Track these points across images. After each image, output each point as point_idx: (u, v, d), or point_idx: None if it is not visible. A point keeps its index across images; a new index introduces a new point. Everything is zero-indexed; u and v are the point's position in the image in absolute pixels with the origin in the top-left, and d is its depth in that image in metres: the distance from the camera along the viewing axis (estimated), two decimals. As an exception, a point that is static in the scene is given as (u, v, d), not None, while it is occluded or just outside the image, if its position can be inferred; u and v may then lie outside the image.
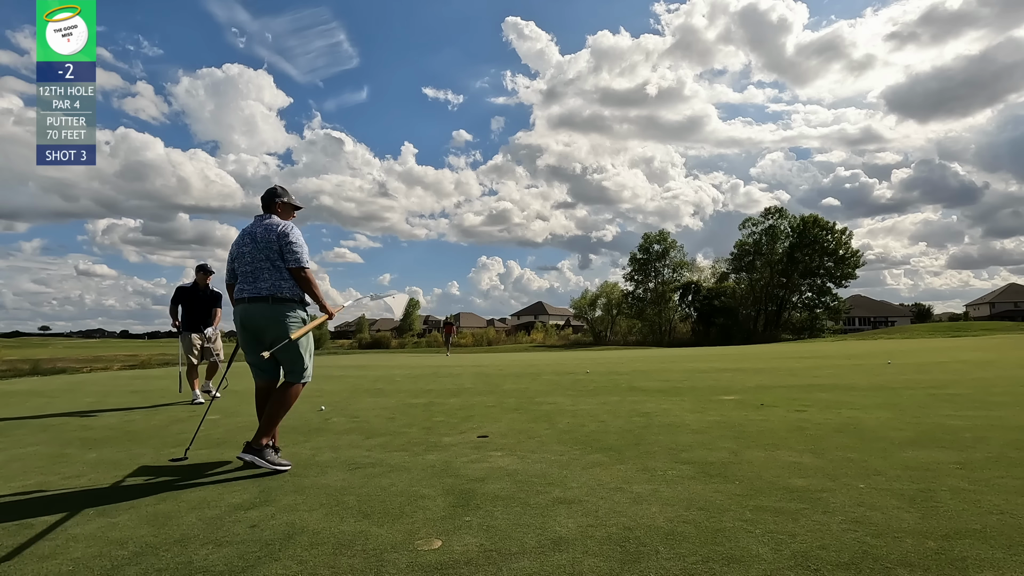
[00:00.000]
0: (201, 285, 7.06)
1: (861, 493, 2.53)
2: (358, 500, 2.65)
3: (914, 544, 1.95)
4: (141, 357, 21.15)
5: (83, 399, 7.72)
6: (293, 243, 3.39)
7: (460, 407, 5.87)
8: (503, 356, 23.55)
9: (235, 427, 4.96)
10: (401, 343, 51.70)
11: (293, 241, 3.39)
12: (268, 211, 3.59)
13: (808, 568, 1.79)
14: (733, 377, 8.73)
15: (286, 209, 3.65)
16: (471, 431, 4.41)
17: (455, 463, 3.34)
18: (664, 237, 51.32)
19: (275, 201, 3.60)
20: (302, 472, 3.24)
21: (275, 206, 3.60)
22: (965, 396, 5.63)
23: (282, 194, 3.64)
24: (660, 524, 2.22)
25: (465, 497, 2.65)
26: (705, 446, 3.62)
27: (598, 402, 6.01)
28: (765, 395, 6.19)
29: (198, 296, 7.01)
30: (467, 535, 2.17)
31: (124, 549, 2.13)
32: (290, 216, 3.66)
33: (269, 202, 3.60)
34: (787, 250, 47.08)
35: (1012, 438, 3.58)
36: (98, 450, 4.09)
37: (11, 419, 5.87)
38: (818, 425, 4.25)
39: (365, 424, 4.92)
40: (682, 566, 1.84)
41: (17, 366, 15.47)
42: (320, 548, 2.09)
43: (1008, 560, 1.80)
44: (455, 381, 9.31)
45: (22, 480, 3.26)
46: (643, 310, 50.02)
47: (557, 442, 3.89)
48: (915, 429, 3.97)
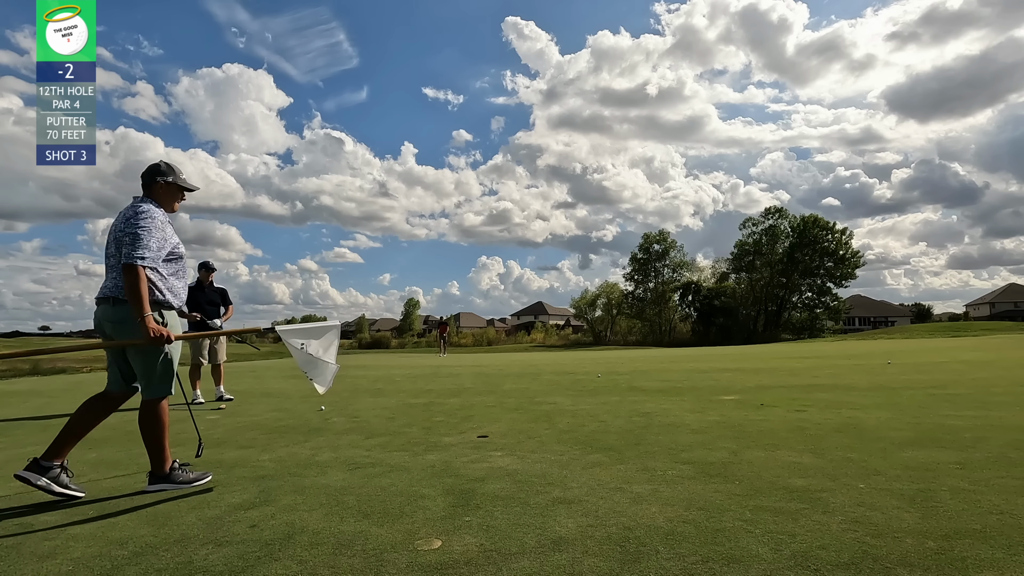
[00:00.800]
0: (205, 283, 7.05)
1: (861, 493, 2.53)
2: (358, 500, 2.65)
3: (914, 544, 1.95)
4: (141, 357, 21.12)
5: (83, 399, 7.72)
6: (136, 229, 2.72)
7: (460, 407, 5.87)
8: (503, 356, 23.55)
9: (235, 427, 4.96)
10: (401, 343, 51.73)
11: (137, 226, 2.73)
12: (145, 194, 2.96)
13: (808, 568, 1.79)
14: (733, 377, 8.74)
15: (169, 192, 2.99)
16: (471, 431, 4.41)
17: (455, 463, 3.34)
18: (664, 237, 51.36)
19: (154, 181, 2.95)
20: (302, 472, 3.24)
21: (153, 187, 2.95)
22: (965, 396, 5.63)
23: (165, 172, 2.96)
24: (660, 524, 2.22)
25: (465, 497, 2.65)
26: (705, 446, 3.62)
27: (598, 402, 6.01)
28: (765, 395, 6.19)
29: (204, 294, 7.00)
30: (467, 535, 2.17)
31: (124, 549, 2.13)
32: (174, 201, 3.03)
33: (146, 182, 2.96)
34: (787, 250, 47.09)
35: (1012, 438, 3.58)
36: (98, 450, 4.09)
37: (11, 419, 5.87)
38: (818, 425, 4.25)
39: (365, 424, 4.92)
40: (682, 566, 1.84)
41: (17, 366, 15.47)
42: (320, 548, 2.09)
43: (1008, 560, 1.80)
44: (455, 381, 9.31)
45: (22, 480, 3.25)
46: (643, 310, 50.05)
47: (557, 442, 3.89)
48: (915, 429, 3.97)
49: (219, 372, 7.17)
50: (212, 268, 7.15)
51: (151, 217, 2.79)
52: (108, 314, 2.82)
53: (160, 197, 2.96)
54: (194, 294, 6.93)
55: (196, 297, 6.94)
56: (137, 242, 2.71)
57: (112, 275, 2.82)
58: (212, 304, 7.03)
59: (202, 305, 6.95)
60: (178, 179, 3.00)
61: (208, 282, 7.09)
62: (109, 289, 2.82)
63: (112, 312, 2.81)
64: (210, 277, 7.11)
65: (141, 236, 2.72)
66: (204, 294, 7.01)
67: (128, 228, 2.74)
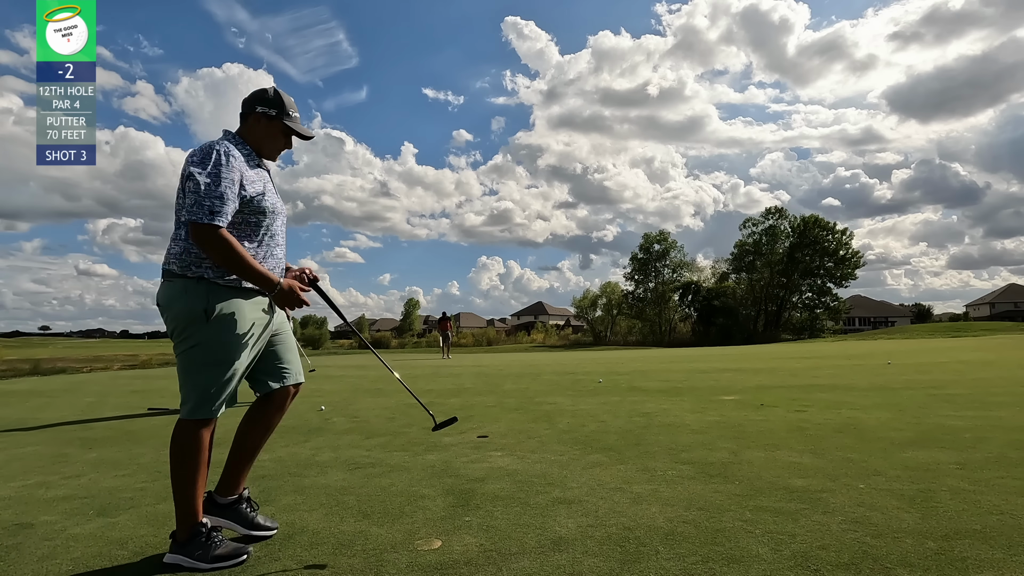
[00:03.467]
0: None
1: (861, 493, 2.53)
2: (358, 500, 2.65)
3: (914, 544, 1.95)
4: (141, 357, 21.15)
5: (83, 399, 7.72)
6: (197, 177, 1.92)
7: (460, 407, 5.87)
8: (503, 356, 23.55)
9: (235, 427, 4.96)
10: (401, 343, 51.71)
11: (201, 172, 1.93)
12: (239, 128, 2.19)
13: (808, 568, 1.79)
14: (733, 377, 8.73)
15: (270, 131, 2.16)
16: (471, 431, 4.41)
17: (455, 463, 3.34)
18: (664, 237, 51.39)
19: (253, 111, 2.15)
20: (302, 472, 3.24)
21: (249, 120, 2.16)
22: (965, 396, 5.63)
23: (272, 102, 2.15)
24: (660, 524, 2.22)
25: (465, 497, 2.65)
26: (705, 446, 3.62)
27: (598, 402, 6.01)
28: (765, 395, 6.19)
29: None
30: (467, 535, 2.17)
31: (124, 549, 2.13)
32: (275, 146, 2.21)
33: (244, 111, 2.19)
34: (787, 250, 47.10)
35: (1012, 438, 3.58)
36: (98, 450, 4.09)
37: (11, 419, 5.87)
38: (818, 425, 4.25)
39: (365, 424, 4.92)
40: (682, 566, 1.84)
41: (17, 366, 15.47)
42: (320, 548, 2.09)
43: (1008, 560, 1.80)
44: (455, 381, 9.31)
45: (22, 480, 3.26)
46: (643, 310, 50.05)
47: (557, 442, 3.89)
48: (915, 429, 3.97)
49: None
50: None
51: (231, 156, 1.99)
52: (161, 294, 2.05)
53: (255, 135, 2.16)
54: None
55: None
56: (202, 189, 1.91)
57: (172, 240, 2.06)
58: None
59: None
60: (287, 116, 2.16)
61: None
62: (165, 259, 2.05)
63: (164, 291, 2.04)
64: None
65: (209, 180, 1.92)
66: None
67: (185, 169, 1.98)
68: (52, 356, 22.71)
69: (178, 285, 1.99)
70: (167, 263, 2.03)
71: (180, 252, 1.99)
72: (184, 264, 1.98)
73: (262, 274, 2.00)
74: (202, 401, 2.03)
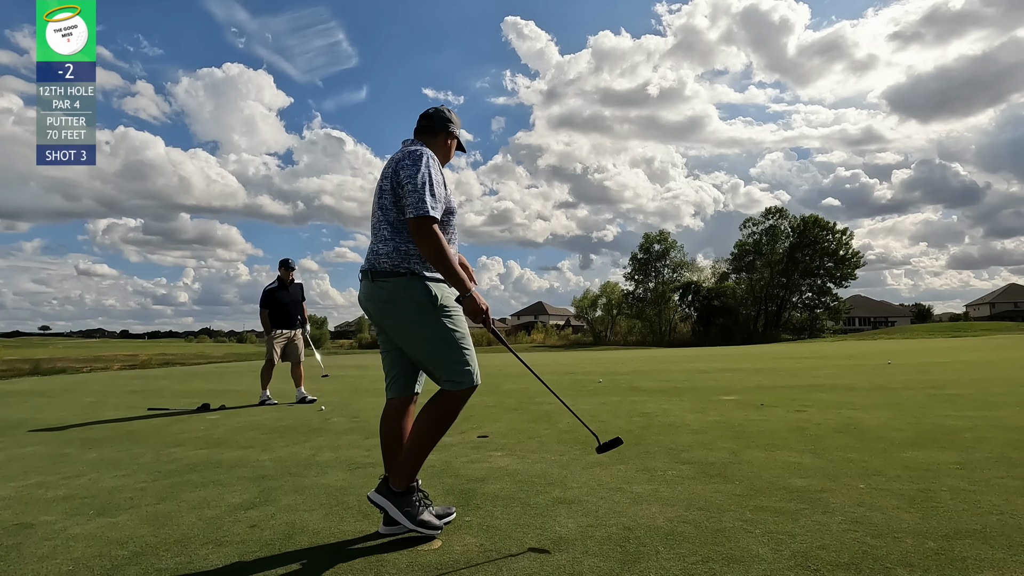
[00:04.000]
0: (286, 281, 6.91)
1: (861, 493, 2.53)
2: (358, 500, 2.65)
3: (914, 544, 1.95)
4: (141, 357, 21.16)
5: (83, 399, 7.72)
6: (416, 176, 2.10)
7: (460, 407, 5.86)
8: (503, 356, 23.55)
9: (235, 427, 4.96)
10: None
11: (418, 173, 2.11)
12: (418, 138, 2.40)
13: (808, 568, 1.79)
14: (733, 377, 8.73)
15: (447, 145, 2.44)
16: (471, 431, 4.41)
17: (455, 463, 3.34)
18: (664, 237, 51.40)
19: (445, 131, 2.41)
20: (302, 472, 3.24)
21: (439, 138, 2.40)
22: (965, 396, 5.63)
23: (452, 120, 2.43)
24: (660, 524, 2.22)
25: (465, 497, 2.65)
26: (705, 446, 3.62)
27: (598, 402, 6.01)
28: (765, 395, 6.19)
29: (287, 292, 6.87)
30: (467, 535, 2.17)
31: (124, 549, 2.13)
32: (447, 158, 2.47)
33: (423, 125, 2.41)
34: (787, 250, 47.11)
35: (1012, 438, 3.58)
36: (98, 450, 4.09)
37: (11, 419, 5.87)
38: (818, 425, 4.25)
39: (365, 424, 4.92)
40: (682, 566, 1.84)
41: (17, 366, 15.47)
42: (320, 548, 2.09)
43: (1008, 560, 1.80)
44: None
45: (22, 480, 3.26)
46: (643, 310, 50.05)
47: (557, 442, 3.89)
48: (915, 429, 3.97)
49: (299, 372, 6.86)
50: (292, 266, 6.96)
51: (435, 163, 2.20)
52: (369, 292, 2.21)
53: (440, 147, 2.41)
54: (277, 294, 6.81)
55: (280, 296, 6.81)
56: (421, 188, 2.08)
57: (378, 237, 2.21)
58: (295, 303, 6.90)
59: (285, 304, 6.82)
60: (459, 133, 2.47)
61: (289, 280, 6.94)
62: (367, 260, 2.24)
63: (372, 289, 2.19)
64: (290, 275, 6.95)
65: (426, 181, 2.10)
66: (287, 292, 6.87)
67: (404, 171, 2.13)
68: (52, 356, 22.72)
69: (396, 282, 2.15)
70: (375, 263, 2.18)
71: (390, 251, 2.16)
72: (395, 262, 2.15)
73: (460, 276, 2.11)
74: (470, 372, 2.20)
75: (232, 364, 18.04)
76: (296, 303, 6.94)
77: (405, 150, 2.24)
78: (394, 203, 2.16)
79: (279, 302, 6.80)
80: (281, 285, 6.88)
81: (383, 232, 2.18)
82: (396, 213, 2.16)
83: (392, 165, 2.20)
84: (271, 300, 6.81)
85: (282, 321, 6.82)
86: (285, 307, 6.83)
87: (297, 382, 6.84)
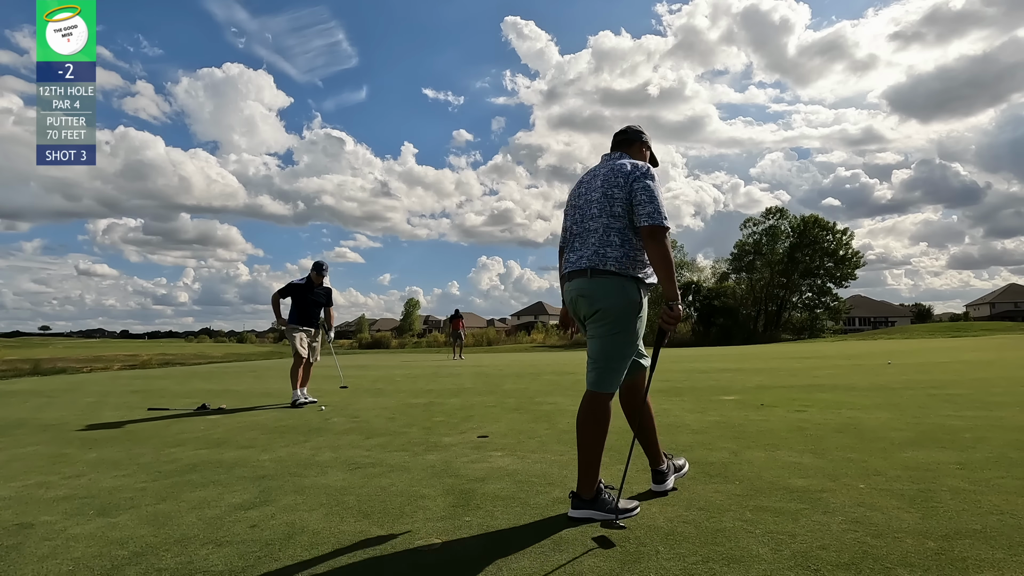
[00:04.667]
0: (316, 283, 6.84)
1: (861, 493, 2.53)
2: (358, 500, 2.65)
3: (914, 544, 1.95)
4: (142, 357, 21.15)
5: (83, 399, 7.72)
6: (652, 189, 2.33)
7: (460, 407, 5.87)
8: (503, 356, 23.54)
9: (235, 427, 4.96)
10: (401, 343, 51.69)
11: (653, 187, 2.34)
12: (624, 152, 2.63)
13: (808, 568, 1.79)
14: (733, 377, 8.73)
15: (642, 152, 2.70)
16: (471, 431, 4.41)
17: (455, 463, 3.34)
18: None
19: (639, 140, 2.67)
20: (302, 472, 3.24)
21: (633, 148, 2.65)
22: (965, 396, 5.63)
23: (641, 132, 2.71)
24: (660, 524, 2.22)
25: (465, 497, 2.65)
26: (705, 446, 3.62)
27: (598, 402, 6.00)
28: (765, 395, 6.19)
29: (312, 294, 6.80)
30: (467, 535, 2.17)
31: (124, 549, 2.13)
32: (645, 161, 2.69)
33: (630, 137, 2.66)
34: (787, 250, 47.05)
35: (1012, 438, 3.58)
36: (98, 450, 4.09)
37: (11, 419, 5.87)
38: (818, 425, 4.25)
39: (365, 424, 4.92)
40: (682, 566, 1.84)
41: (17, 366, 15.47)
42: (320, 548, 2.09)
43: (1008, 560, 1.80)
44: (455, 381, 9.31)
45: (22, 480, 3.26)
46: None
47: (557, 442, 3.89)
48: (915, 429, 3.97)
49: (308, 373, 6.80)
50: (324, 272, 6.89)
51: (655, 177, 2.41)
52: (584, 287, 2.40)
53: (636, 156, 2.65)
54: (303, 293, 6.75)
55: (303, 295, 6.75)
56: (656, 199, 2.30)
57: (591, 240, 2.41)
58: (316, 305, 6.85)
59: (308, 302, 6.76)
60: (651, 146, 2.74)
61: (319, 283, 6.88)
62: (587, 259, 2.39)
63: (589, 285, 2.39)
64: (321, 279, 6.88)
65: (656, 194, 2.33)
66: (312, 294, 6.81)
67: (638, 183, 2.34)
68: (52, 356, 22.70)
69: (615, 282, 2.35)
70: (602, 263, 2.36)
71: (620, 256, 2.36)
72: (623, 265, 2.35)
73: (675, 282, 2.31)
74: (618, 379, 2.42)
75: (232, 364, 18.05)
76: (319, 305, 6.89)
77: (630, 163, 2.45)
78: (625, 212, 2.37)
79: (302, 297, 6.72)
80: (310, 285, 6.81)
81: (612, 238, 2.37)
82: (627, 221, 2.37)
83: (622, 177, 2.39)
84: (293, 291, 6.73)
85: (304, 319, 6.74)
86: (308, 305, 6.75)
87: (303, 383, 6.79)
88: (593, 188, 2.47)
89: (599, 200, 2.42)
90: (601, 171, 2.49)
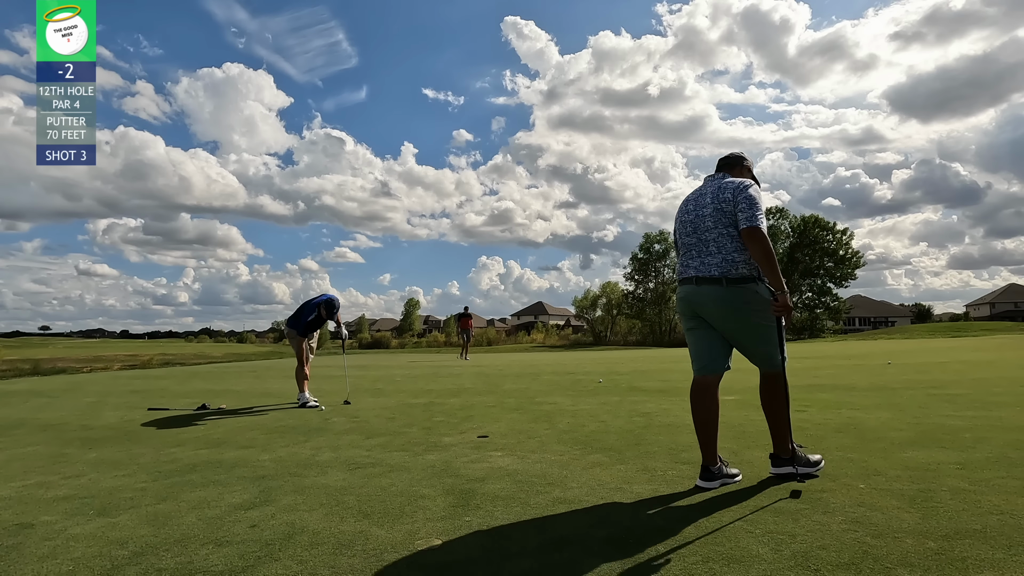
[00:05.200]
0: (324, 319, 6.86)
1: (861, 493, 2.53)
2: (358, 500, 2.65)
3: (914, 544, 1.95)
4: (142, 357, 21.15)
5: (83, 399, 7.72)
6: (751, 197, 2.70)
7: (460, 407, 5.87)
8: (503, 356, 23.54)
9: (235, 427, 4.96)
10: (401, 343, 51.70)
11: (753, 194, 2.72)
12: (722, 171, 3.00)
13: (808, 568, 1.79)
14: (733, 377, 8.71)
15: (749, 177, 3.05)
16: (471, 431, 4.41)
17: (455, 463, 3.34)
18: (665, 237, 51.24)
19: (740, 164, 3.01)
20: (302, 472, 3.24)
21: (740, 169, 3.00)
22: (965, 396, 5.63)
23: (743, 156, 3.06)
24: (660, 524, 2.22)
25: (465, 497, 2.65)
26: (705, 446, 3.62)
27: (598, 402, 6.01)
28: (765, 395, 6.18)
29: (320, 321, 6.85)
30: (467, 535, 2.17)
31: (124, 549, 2.13)
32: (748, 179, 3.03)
33: (733, 161, 3.02)
34: (787, 250, 47.06)
35: (1012, 438, 3.58)
36: (98, 450, 4.09)
37: (11, 419, 5.87)
38: (818, 425, 4.25)
39: (365, 424, 4.92)
40: (682, 566, 1.84)
41: (17, 366, 15.46)
42: (320, 548, 2.09)
43: (1008, 560, 1.80)
44: (455, 381, 9.31)
45: (22, 480, 3.26)
46: (643, 310, 50.00)
47: (557, 442, 3.89)
48: (915, 429, 3.97)
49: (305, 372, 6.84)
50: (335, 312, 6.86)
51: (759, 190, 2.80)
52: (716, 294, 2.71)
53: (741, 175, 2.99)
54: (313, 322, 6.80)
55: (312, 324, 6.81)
56: (756, 207, 2.67)
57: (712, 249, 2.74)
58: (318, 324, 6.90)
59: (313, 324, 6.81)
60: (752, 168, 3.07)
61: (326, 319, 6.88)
62: (716, 267, 2.72)
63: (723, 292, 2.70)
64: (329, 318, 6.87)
65: (758, 203, 2.69)
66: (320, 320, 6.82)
67: (741, 195, 2.70)
68: (52, 356, 22.70)
69: (751, 287, 2.70)
70: (728, 271, 2.69)
71: (744, 260, 2.69)
72: (750, 269, 2.70)
73: (779, 274, 2.62)
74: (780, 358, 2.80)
75: (232, 364, 18.04)
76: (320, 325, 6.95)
77: (734, 180, 2.81)
78: (736, 223, 2.70)
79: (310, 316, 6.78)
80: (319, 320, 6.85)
81: (728, 245, 2.71)
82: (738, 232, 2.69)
83: (730, 192, 2.74)
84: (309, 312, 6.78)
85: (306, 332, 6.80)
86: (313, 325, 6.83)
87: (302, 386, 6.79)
88: (703, 204, 2.83)
89: (712, 215, 2.77)
90: (708, 189, 2.85)
